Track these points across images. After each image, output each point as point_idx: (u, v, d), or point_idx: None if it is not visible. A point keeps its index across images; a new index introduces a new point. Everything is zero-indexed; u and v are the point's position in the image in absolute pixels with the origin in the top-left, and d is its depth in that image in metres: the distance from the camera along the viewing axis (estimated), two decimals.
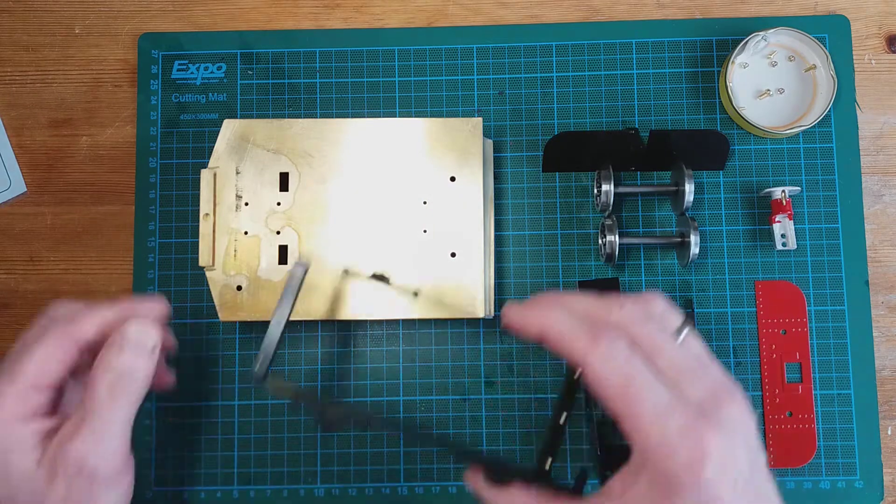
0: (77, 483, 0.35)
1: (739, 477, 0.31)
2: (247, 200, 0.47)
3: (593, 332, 0.33)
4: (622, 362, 0.32)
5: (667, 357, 0.33)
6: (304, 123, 0.48)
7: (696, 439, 0.31)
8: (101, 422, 0.36)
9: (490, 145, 0.50)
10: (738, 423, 0.32)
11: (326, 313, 0.46)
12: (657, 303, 0.36)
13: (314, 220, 0.47)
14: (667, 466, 0.31)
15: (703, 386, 0.33)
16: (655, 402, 0.32)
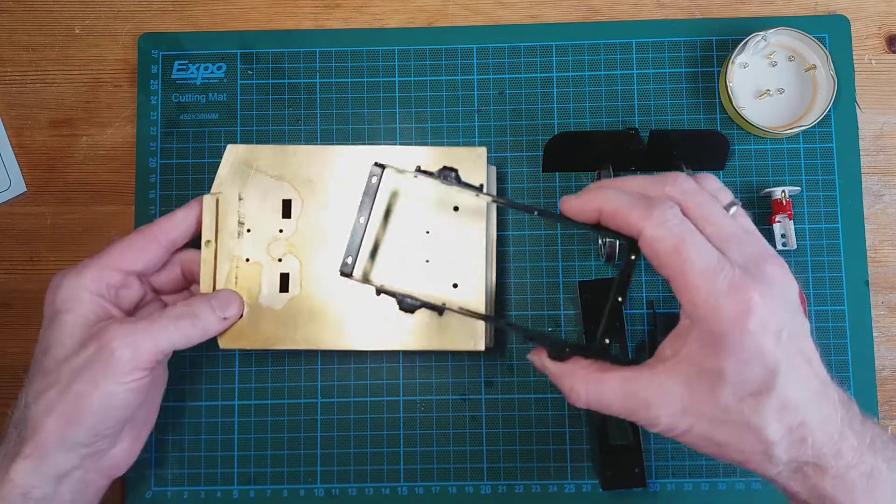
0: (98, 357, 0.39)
1: (781, 332, 0.33)
2: (249, 227, 0.47)
3: (648, 203, 0.35)
4: (674, 226, 0.34)
5: (716, 225, 0.35)
6: (307, 150, 0.48)
7: (741, 295, 0.33)
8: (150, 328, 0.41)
9: (494, 172, 0.49)
10: (780, 282, 0.34)
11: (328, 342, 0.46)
12: (710, 181, 0.38)
13: (316, 248, 0.47)
14: (714, 321, 0.33)
15: (749, 251, 0.35)
16: (705, 261, 0.34)
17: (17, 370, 0.51)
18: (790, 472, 0.35)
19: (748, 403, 0.34)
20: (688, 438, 0.35)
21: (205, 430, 0.50)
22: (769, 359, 0.33)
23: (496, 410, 0.50)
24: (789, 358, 0.34)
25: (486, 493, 0.49)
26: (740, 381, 0.33)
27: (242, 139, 0.52)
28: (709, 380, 0.34)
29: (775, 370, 0.33)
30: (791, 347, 0.34)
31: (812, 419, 0.34)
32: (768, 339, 0.33)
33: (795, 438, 0.34)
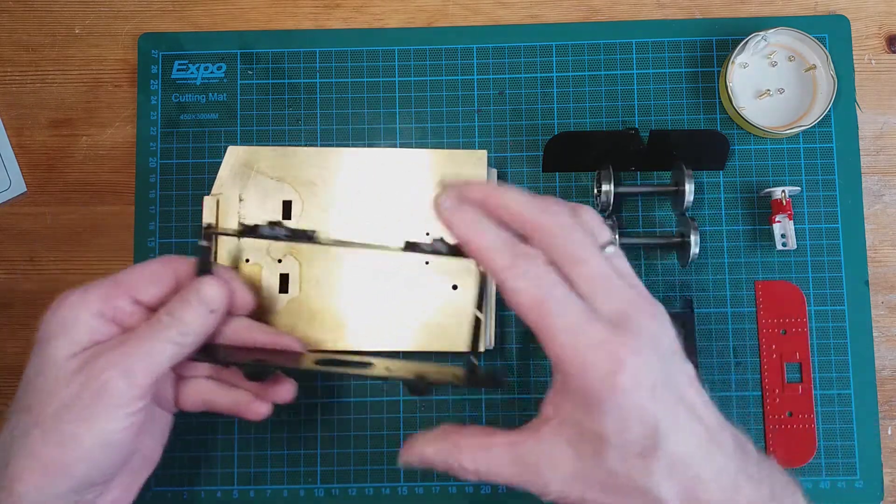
0: (87, 390, 0.35)
1: (657, 386, 0.32)
2: None
3: (512, 251, 0.33)
4: (535, 278, 0.33)
5: (587, 269, 0.33)
6: (308, 152, 0.48)
7: (609, 351, 0.31)
8: (139, 349, 0.37)
9: (494, 174, 0.49)
10: (650, 332, 0.33)
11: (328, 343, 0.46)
12: (589, 215, 0.36)
13: (316, 250, 0.47)
14: (584, 381, 0.32)
15: (619, 299, 0.33)
16: (568, 317, 0.32)
17: (17, 370, 0.51)
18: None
19: (636, 465, 0.32)
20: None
21: (205, 430, 0.50)
22: (648, 416, 0.31)
23: (496, 410, 0.50)
24: (670, 411, 0.32)
25: (486, 492, 0.49)
26: (623, 442, 0.32)
27: (242, 139, 0.52)
28: (592, 443, 0.32)
29: (656, 427, 0.31)
30: (669, 400, 0.32)
31: (705, 473, 0.32)
32: (643, 396, 0.31)
33: (690, 497, 0.32)
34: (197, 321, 0.38)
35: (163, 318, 0.38)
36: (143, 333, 0.37)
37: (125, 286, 0.39)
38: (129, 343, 0.37)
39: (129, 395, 0.36)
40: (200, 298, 0.39)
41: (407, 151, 0.48)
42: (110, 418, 0.36)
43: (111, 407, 0.35)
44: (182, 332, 0.38)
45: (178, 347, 0.38)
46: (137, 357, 0.36)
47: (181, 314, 0.38)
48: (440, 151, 0.48)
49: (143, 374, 0.36)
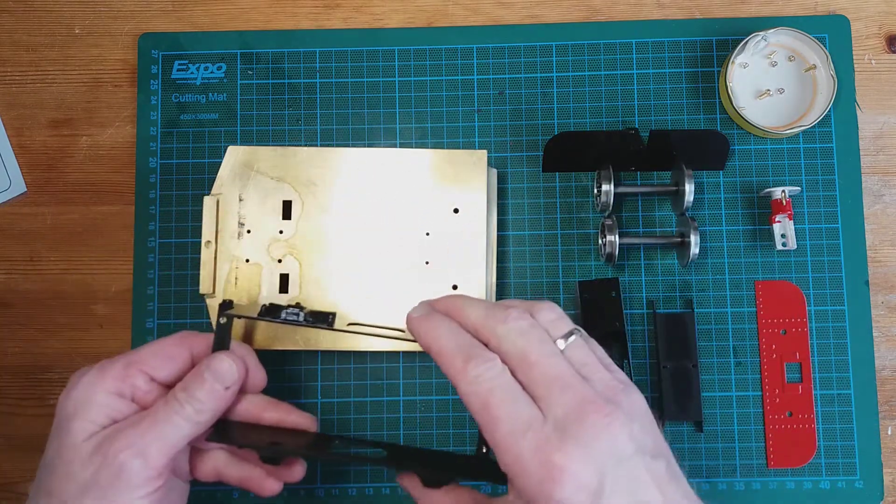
0: (105, 473, 0.36)
1: (603, 488, 0.31)
2: (249, 228, 0.47)
3: (467, 355, 0.34)
4: (485, 381, 0.33)
5: (540, 370, 0.33)
6: (308, 152, 0.48)
7: (546, 457, 0.31)
8: (155, 430, 0.37)
9: (494, 174, 0.49)
10: (599, 434, 0.31)
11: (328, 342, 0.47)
12: (546, 312, 0.36)
13: (316, 249, 0.47)
14: (523, 486, 0.31)
15: (571, 399, 0.32)
16: (513, 422, 0.32)
17: (17, 370, 0.51)
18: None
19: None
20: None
21: None
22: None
23: None
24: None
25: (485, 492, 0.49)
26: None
27: (242, 139, 0.52)
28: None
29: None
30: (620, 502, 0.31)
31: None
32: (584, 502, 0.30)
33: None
34: (211, 398, 0.39)
35: (178, 396, 0.38)
36: (158, 412, 0.38)
37: (140, 364, 0.39)
38: (144, 423, 0.37)
39: (145, 475, 0.36)
40: (215, 375, 0.39)
41: (407, 151, 0.48)
42: (128, 499, 0.36)
43: (129, 488, 0.36)
44: (197, 410, 0.38)
45: (193, 425, 0.38)
46: (153, 437, 0.37)
47: (195, 391, 0.38)
48: (440, 151, 0.48)
49: (158, 455, 0.37)
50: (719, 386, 0.49)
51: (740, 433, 0.49)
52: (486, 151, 0.48)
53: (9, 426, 0.51)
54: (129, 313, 0.50)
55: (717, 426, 0.49)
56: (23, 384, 0.51)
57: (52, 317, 0.51)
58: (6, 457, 0.50)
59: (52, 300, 0.51)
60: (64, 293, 0.51)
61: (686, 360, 0.49)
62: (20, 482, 0.50)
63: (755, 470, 0.49)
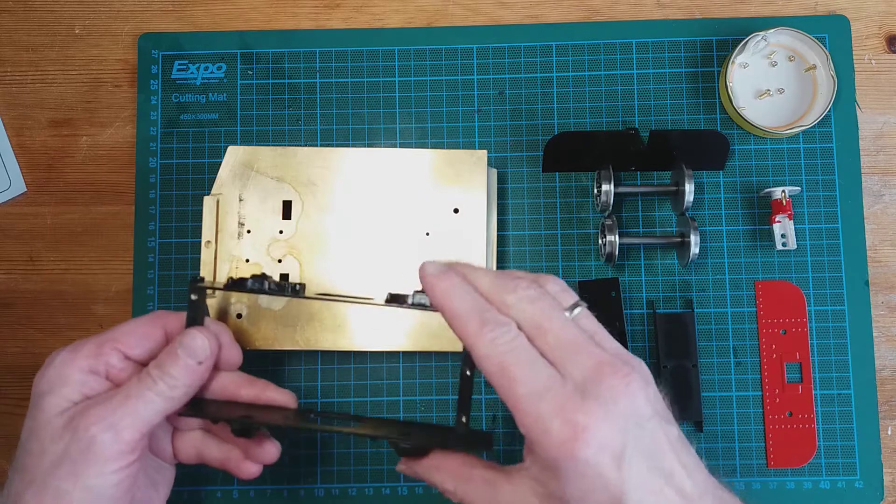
0: (76, 447, 0.36)
1: (625, 453, 0.31)
2: (249, 228, 0.47)
3: (482, 318, 0.34)
4: (502, 345, 0.33)
5: (554, 336, 0.33)
6: (308, 152, 0.48)
7: (569, 418, 0.31)
8: (127, 405, 0.37)
9: (494, 174, 0.49)
10: (620, 395, 0.32)
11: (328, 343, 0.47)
12: (552, 283, 0.36)
13: (316, 249, 0.47)
14: (545, 447, 0.31)
15: (588, 362, 0.32)
16: (532, 383, 0.32)
17: (17, 370, 0.51)
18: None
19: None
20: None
21: None
22: (612, 485, 0.30)
23: (496, 410, 0.50)
24: (639, 480, 0.31)
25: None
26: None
27: (242, 139, 0.52)
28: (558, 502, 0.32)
29: (621, 496, 0.30)
30: (640, 468, 0.31)
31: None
32: (607, 464, 0.30)
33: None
34: (184, 373, 0.39)
35: (151, 372, 0.38)
36: (131, 388, 0.38)
37: (115, 342, 0.39)
38: (117, 398, 0.37)
39: (116, 449, 0.36)
40: (187, 350, 0.39)
41: (407, 151, 0.48)
42: (99, 473, 0.36)
43: (99, 461, 0.36)
44: (170, 386, 0.38)
45: (167, 401, 0.38)
46: (124, 412, 0.37)
47: (168, 367, 0.38)
48: (440, 151, 0.48)
49: (130, 429, 0.37)
50: (719, 386, 0.49)
51: (740, 433, 0.49)
52: (486, 151, 0.48)
53: (9, 426, 0.51)
54: (129, 313, 0.50)
55: (717, 426, 0.49)
56: (23, 384, 0.51)
57: (52, 317, 0.51)
58: (6, 457, 0.50)
59: (52, 300, 0.51)
60: (64, 293, 0.51)
61: (686, 360, 0.49)
62: None
63: (755, 470, 0.49)
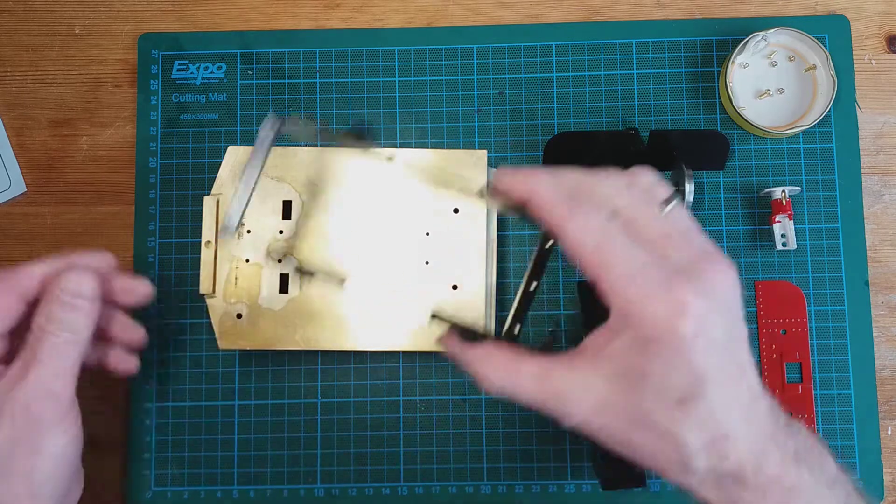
0: (23, 428, 0.36)
1: (717, 339, 0.32)
2: (249, 228, 0.47)
3: (573, 203, 0.33)
4: (597, 227, 0.33)
5: (648, 226, 0.33)
6: (308, 152, 0.48)
7: (676, 294, 0.31)
8: (44, 368, 0.37)
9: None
10: (719, 288, 0.32)
11: (327, 343, 0.46)
12: (645, 176, 0.35)
13: (316, 249, 0.47)
14: (643, 324, 0.31)
15: (686, 252, 0.33)
16: (632, 263, 0.32)
17: None
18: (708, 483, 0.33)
19: (670, 410, 0.32)
20: (602, 436, 0.33)
21: (205, 430, 0.50)
22: (699, 366, 0.31)
23: (496, 410, 0.50)
24: (722, 367, 0.32)
25: (486, 492, 0.49)
26: (666, 386, 0.31)
27: (242, 139, 0.52)
28: (632, 380, 0.32)
29: (704, 378, 0.31)
30: (725, 356, 0.32)
31: (737, 433, 0.32)
32: (700, 346, 0.31)
33: (716, 451, 0.32)
34: (80, 316, 0.38)
35: (46, 328, 0.38)
36: (39, 352, 0.37)
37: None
38: (35, 368, 0.37)
39: (59, 411, 0.37)
40: (71, 294, 0.38)
41: (407, 151, 0.48)
42: (55, 438, 0.37)
43: (51, 429, 0.36)
44: (72, 331, 0.38)
45: (77, 346, 0.38)
46: (49, 377, 0.37)
47: (62, 315, 0.38)
48: (439, 151, 0.48)
49: (63, 388, 0.37)
50: None
51: None
52: (486, 151, 0.48)
53: None
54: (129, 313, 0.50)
55: None
56: None
57: None
58: None
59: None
60: None
61: None
62: None
63: None
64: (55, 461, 0.37)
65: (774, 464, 0.32)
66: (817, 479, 0.33)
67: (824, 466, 0.34)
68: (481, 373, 0.35)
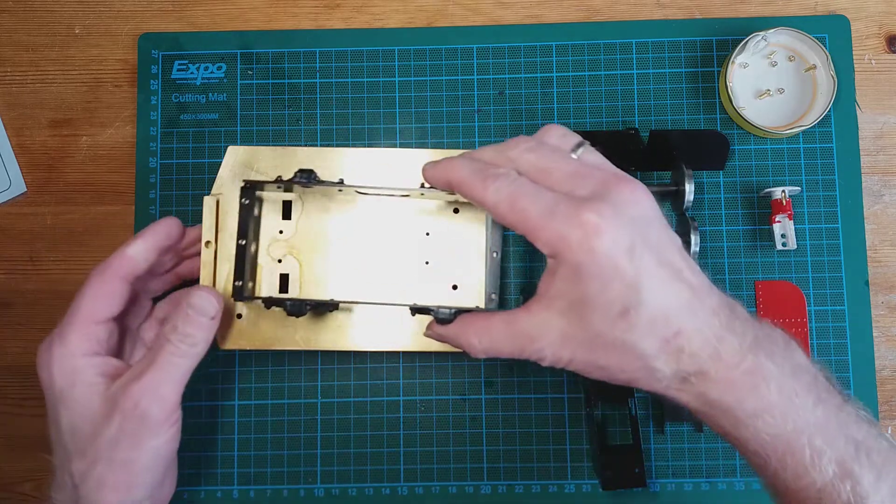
0: (130, 422, 0.39)
1: (636, 247, 0.34)
2: None
3: (485, 173, 0.36)
4: (506, 186, 0.35)
5: (557, 171, 0.36)
6: (308, 152, 0.48)
7: (583, 220, 0.34)
8: (158, 374, 0.40)
9: None
10: (625, 199, 0.34)
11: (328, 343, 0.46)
12: (552, 131, 0.39)
13: (316, 249, 0.47)
14: (566, 253, 0.34)
15: (594, 181, 0.35)
16: (543, 204, 0.35)
17: (17, 370, 0.51)
18: (677, 383, 0.35)
19: (619, 323, 0.34)
20: (575, 367, 0.36)
21: (205, 430, 0.50)
22: (627, 275, 0.33)
23: (496, 410, 0.50)
24: (650, 271, 0.34)
25: (486, 492, 0.49)
26: (605, 303, 0.34)
27: (242, 139, 0.52)
28: (579, 308, 0.35)
29: (636, 286, 0.34)
30: (649, 261, 0.34)
31: (687, 327, 0.34)
32: (621, 257, 0.33)
33: (672, 349, 0.34)
34: (200, 330, 0.42)
35: (170, 337, 0.41)
36: (158, 358, 0.41)
37: (90, 318, 0.41)
38: (149, 372, 0.40)
39: (164, 413, 0.40)
40: (197, 310, 0.42)
41: (407, 151, 0.48)
42: (155, 436, 0.40)
43: (154, 428, 0.40)
44: (190, 344, 0.41)
45: (191, 358, 0.41)
46: (161, 381, 0.40)
47: (184, 328, 0.41)
48: (440, 152, 0.48)
49: (171, 393, 0.41)
50: None
51: None
52: None
53: (9, 426, 0.51)
54: None
55: None
56: (23, 384, 0.51)
57: (52, 317, 0.51)
58: (6, 457, 0.51)
59: (52, 300, 0.51)
60: (64, 293, 0.51)
61: None
62: (20, 482, 0.50)
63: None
64: (152, 455, 0.40)
65: (733, 351, 0.34)
66: (779, 366, 0.35)
67: (789, 355, 0.35)
68: (464, 340, 0.39)
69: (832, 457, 0.33)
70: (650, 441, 0.49)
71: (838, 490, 0.33)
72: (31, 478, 0.51)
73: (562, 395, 0.49)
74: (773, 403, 0.34)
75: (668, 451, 0.49)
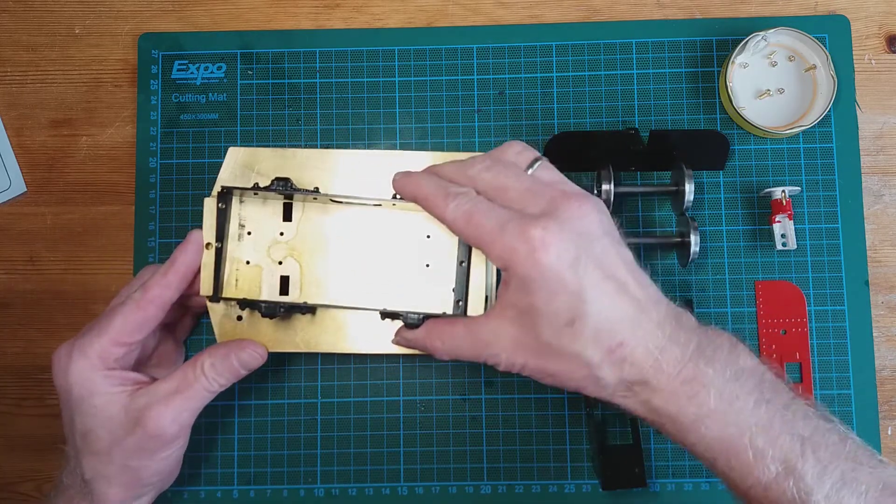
0: (150, 440, 0.42)
1: (579, 260, 0.36)
2: (250, 229, 0.47)
3: (444, 192, 0.39)
4: (463, 204, 0.38)
5: (512, 188, 0.38)
6: (308, 153, 0.47)
7: (530, 235, 0.36)
8: (183, 403, 0.43)
9: None
10: (573, 215, 0.36)
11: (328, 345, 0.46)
12: (510, 148, 0.41)
13: (316, 251, 0.47)
14: (515, 266, 0.36)
15: (546, 198, 0.37)
16: (495, 220, 0.37)
17: (17, 370, 0.51)
18: (622, 391, 0.37)
19: (565, 333, 0.36)
20: (528, 372, 0.38)
21: (205, 430, 0.50)
22: (572, 288, 0.35)
23: (496, 410, 0.50)
24: (595, 284, 0.36)
25: (486, 492, 0.49)
26: (552, 313, 0.36)
27: (242, 139, 0.52)
28: (528, 318, 0.37)
29: (581, 297, 0.35)
30: (594, 274, 0.36)
31: (630, 339, 0.36)
32: (565, 270, 0.35)
33: (616, 359, 0.36)
34: (233, 377, 0.44)
35: (207, 372, 0.43)
36: (189, 388, 0.43)
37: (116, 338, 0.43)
38: (178, 399, 0.43)
39: (178, 433, 0.43)
40: (244, 364, 0.44)
41: (407, 153, 0.48)
42: (168, 450, 0.43)
43: (168, 444, 0.43)
44: (221, 385, 0.44)
45: (214, 394, 0.44)
46: (184, 407, 0.43)
47: (223, 373, 0.44)
48: (440, 154, 0.48)
49: (188, 419, 0.44)
50: None
51: None
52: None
53: (9, 426, 0.51)
54: None
55: None
56: (23, 384, 0.51)
57: (52, 317, 0.51)
58: (6, 457, 0.51)
59: (52, 300, 0.51)
60: (64, 293, 0.51)
61: None
62: (20, 482, 0.50)
63: None
64: (163, 463, 0.44)
65: (674, 361, 0.36)
66: (720, 372, 0.36)
67: (733, 360, 0.36)
68: (429, 343, 0.42)
69: (775, 455, 0.34)
70: (650, 441, 0.49)
71: (783, 488, 0.34)
72: (31, 478, 0.51)
73: (562, 395, 0.49)
74: (713, 409, 0.35)
75: (668, 451, 0.49)
